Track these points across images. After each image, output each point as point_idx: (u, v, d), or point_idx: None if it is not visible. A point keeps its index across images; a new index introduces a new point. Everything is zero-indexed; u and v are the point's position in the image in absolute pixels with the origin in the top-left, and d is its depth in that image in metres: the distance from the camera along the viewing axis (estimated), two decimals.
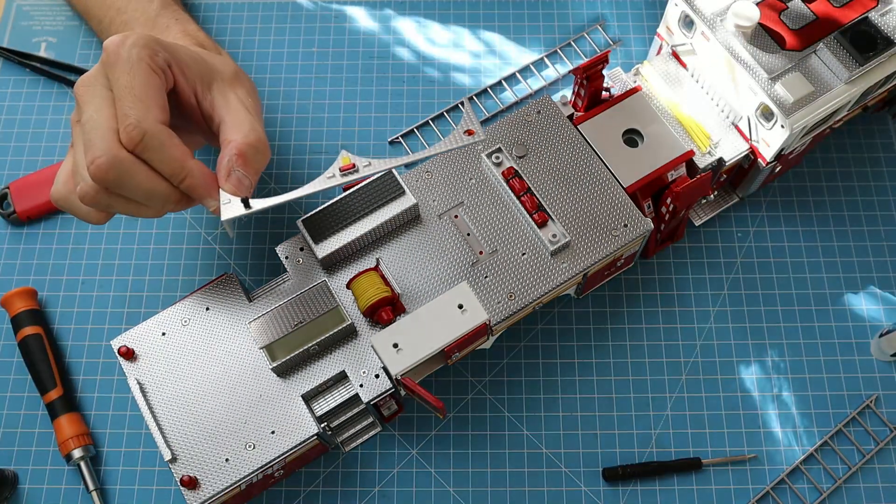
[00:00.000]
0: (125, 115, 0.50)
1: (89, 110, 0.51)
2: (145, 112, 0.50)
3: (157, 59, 0.52)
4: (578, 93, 0.64)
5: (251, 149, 0.53)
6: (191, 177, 0.52)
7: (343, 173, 0.52)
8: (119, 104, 0.50)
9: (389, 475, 0.62)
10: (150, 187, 0.51)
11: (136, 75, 0.51)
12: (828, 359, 0.65)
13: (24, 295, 0.65)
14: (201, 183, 0.52)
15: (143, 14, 0.65)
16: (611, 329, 0.66)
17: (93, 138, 0.50)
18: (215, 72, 0.56)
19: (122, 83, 0.51)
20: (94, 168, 0.50)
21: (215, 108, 0.55)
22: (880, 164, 0.71)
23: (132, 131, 0.49)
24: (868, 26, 0.58)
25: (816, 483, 0.61)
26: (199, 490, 0.53)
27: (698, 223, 0.68)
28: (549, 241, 0.57)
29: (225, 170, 0.53)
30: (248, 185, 0.53)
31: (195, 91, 0.55)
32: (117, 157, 0.50)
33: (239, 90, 0.56)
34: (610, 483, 0.61)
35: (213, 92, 0.55)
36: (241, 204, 0.52)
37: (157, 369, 0.57)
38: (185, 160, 0.52)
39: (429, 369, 0.57)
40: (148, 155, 0.51)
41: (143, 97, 0.50)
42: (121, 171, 0.50)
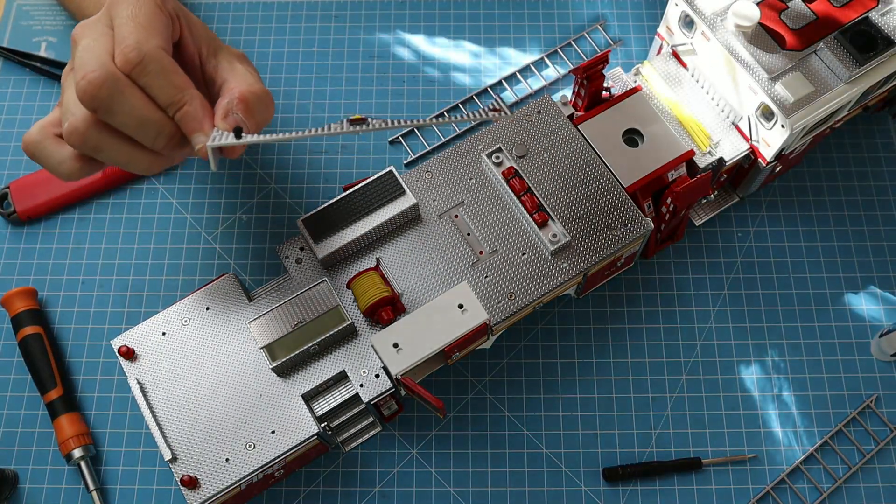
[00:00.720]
0: (123, 38, 0.46)
1: (84, 42, 0.48)
2: (146, 37, 0.47)
3: (167, 4, 0.50)
4: (578, 93, 0.64)
5: (254, 96, 0.50)
6: (189, 104, 0.48)
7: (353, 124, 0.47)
8: (119, 31, 0.47)
9: (389, 475, 0.62)
10: (143, 114, 0.47)
11: (141, 7, 0.48)
12: (828, 359, 0.65)
13: (25, 295, 0.65)
14: (198, 114, 0.48)
15: None
16: (611, 329, 0.66)
17: (86, 59, 0.46)
18: (221, 45, 0.54)
19: (125, 12, 0.47)
20: (85, 83, 0.46)
21: (219, 71, 0.52)
22: (880, 164, 0.71)
23: (130, 52, 0.46)
24: (868, 26, 0.58)
25: (817, 483, 0.61)
26: (200, 490, 0.53)
27: (698, 223, 0.68)
28: (549, 241, 0.57)
29: (223, 110, 0.49)
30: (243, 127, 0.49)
31: (200, 52, 0.53)
32: (112, 73, 0.46)
33: (246, 64, 0.54)
34: (610, 483, 0.61)
35: (219, 58, 0.53)
36: (231, 134, 0.47)
37: (158, 369, 0.57)
38: (185, 87, 0.48)
39: (429, 369, 0.57)
40: (145, 80, 0.47)
41: (146, 24, 0.47)
42: (114, 90, 0.46)
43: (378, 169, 0.63)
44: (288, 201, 0.70)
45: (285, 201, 0.70)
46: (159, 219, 0.70)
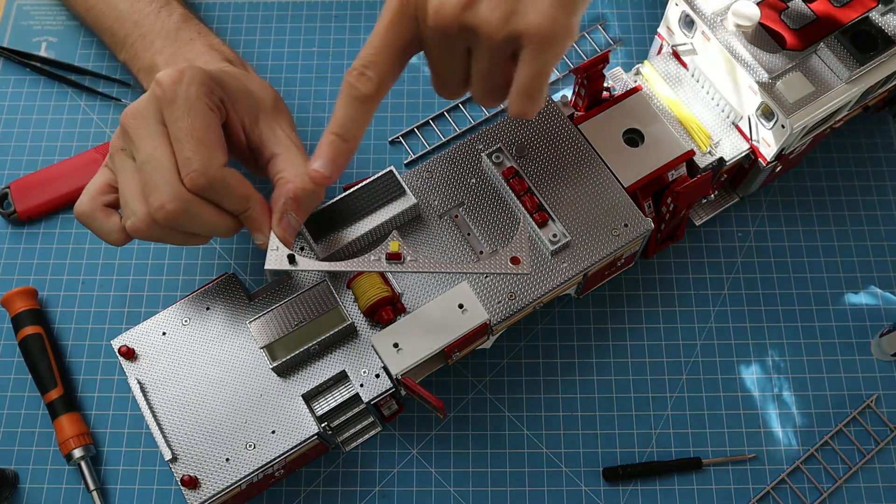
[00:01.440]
0: (188, 159, 0.49)
1: (146, 147, 0.50)
2: (208, 157, 0.49)
3: (214, 98, 0.51)
4: (579, 93, 0.64)
5: (306, 193, 0.52)
6: (253, 209, 0.52)
7: (389, 261, 0.51)
8: (179, 147, 0.50)
9: (390, 475, 0.62)
10: (214, 223, 0.51)
11: (196, 116, 0.50)
12: (828, 358, 0.65)
13: (25, 294, 0.65)
14: (259, 217, 0.52)
15: (163, 28, 0.63)
16: (611, 329, 0.66)
17: (156, 180, 0.49)
18: (259, 102, 0.55)
19: (183, 125, 0.50)
20: (163, 212, 0.49)
21: (264, 143, 0.54)
22: (880, 164, 0.71)
23: (198, 179, 0.49)
24: (868, 26, 0.58)
25: (817, 483, 0.61)
26: (200, 490, 0.53)
27: (699, 223, 0.68)
28: (549, 241, 0.57)
29: (279, 212, 0.52)
30: (295, 227, 0.53)
31: (243, 125, 0.54)
32: (185, 200, 0.49)
33: (283, 123, 0.56)
34: (610, 483, 0.61)
35: (261, 125, 0.55)
36: (286, 259, 0.52)
37: (158, 369, 0.57)
38: (249, 195, 0.52)
39: (429, 369, 0.57)
40: (213, 196, 0.50)
41: (204, 140, 0.50)
42: (188, 214, 0.50)
43: (378, 169, 0.63)
44: None
45: None
46: None
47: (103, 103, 0.74)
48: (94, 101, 0.74)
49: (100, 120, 0.73)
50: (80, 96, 0.74)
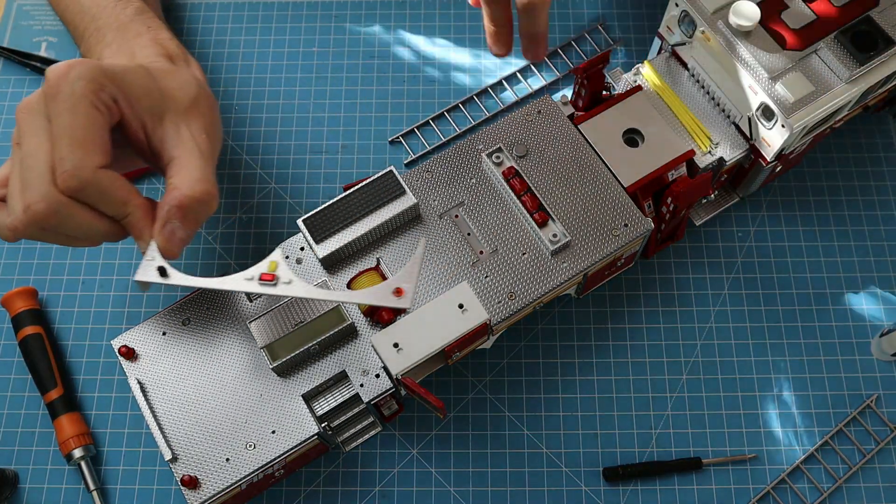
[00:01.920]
0: (62, 158, 0.47)
1: (28, 143, 0.48)
2: (83, 158, 0.47)
3: (102, 96, 0.49)
4: (579, 92, 0.64)
5: (194, 202, 0.50)
6: (133, 215, 0.49)
7: (262, 282, 0.50)
8: (56, 145, 0.47)
9: (390, 475, 0.62)
10: (89, 227, 0.49)
11: (76, 115, 0.47)
12: (828, 358, 0.65)
13: (25, 294, 0.65)
14: (139, 223, 0.50)
15: (116, 21, 0.61)
16: (611, 329, 0.66)
17: (29, 178, 0.47)
18: (169, 101, 0.52)
19: (62, 122, 0.47)
20: (31, 212, 0.47)
21: (165, 145, 0.51)
22: (881, 164, 0.71)
23: (69, 180, 0.47)
24: (869, 26, 0.58)
25: (817, 483, 0.61)
26: (200, 490, 0.53)
27: (699, 223, 0.68)
28: (549, 241, 0.57)
29: (162, 220, 0.49)
30: (182, 237, 0.50)
31: (144, 125, 0.51)
32: (55, 202, 0.47)
33: (194, 123, 0.53)
34: (610, 483, 0.61)
35: (165, 125, 0.52)
36: (156, 271, 0.50)
37: (158, 369, 0.57)
38: (128, 200, 0.49)
39: (429, 369, 0.57)
40: (88, 199, 0.48)
41: (82, 140, 0.47)
42: (59, 216, 0.47)
43: (378, 169, 0.63)
44: (288, 201, 0.70)
45: (285, 201, 0.70)
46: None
47: None
48: None
49: None
50: None
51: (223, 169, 0.71)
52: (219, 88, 0.75)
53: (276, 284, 0.50)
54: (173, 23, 0.77)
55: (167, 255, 0.50)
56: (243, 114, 0.74)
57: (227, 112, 0.74)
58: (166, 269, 0.50)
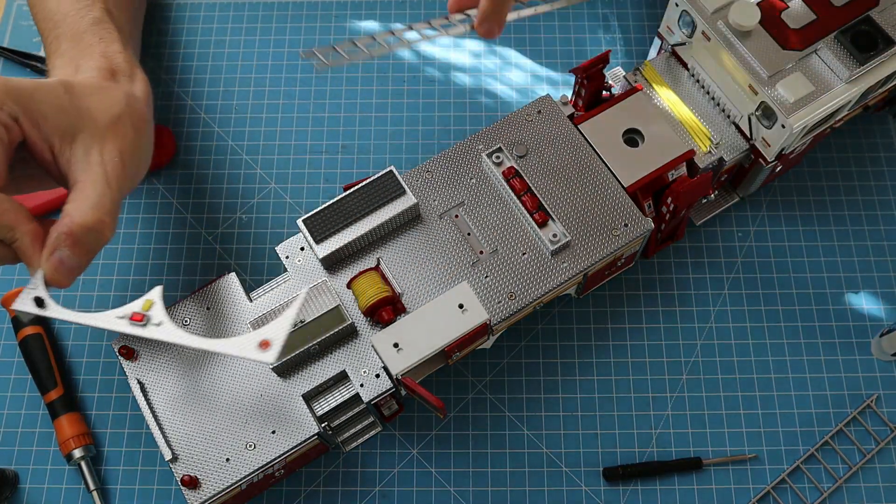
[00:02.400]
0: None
1: None
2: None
3: (3, 111, 0.47)
4: (579, 92, 0.64)
5: (85, 231, 0.48)
6: (21, 241, 0.47)
7: (132, 323, 0.49)
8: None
9: (390, 475, 0.62)
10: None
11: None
12: (828, 358, 0.65)
13: None
14: (28, 250, 0.48)
15: (73, 30, 0.60)
16: (611, 329, 0.66)
17: None
18: (86, 120, 0.51)
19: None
20: None
21: (71, 167, 0.50)
22: (881, 164, 0.71)
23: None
24: (869, 26, 0.58)
25: (817, 483, 0.61)
26: (200, 490, 0.53)
27: (699, 223, 0.68)
28: (549, 241, 0.57)
29: (50, 247, 0.48)
30: (70, 265, 0.48)
31: (52, 146, 0.50)
32: None
33: (109, 145, 0.51)
34: (610, 483, 0.61)
35: (75, 147, 0.50)
36: (32, 301, 0.48)
37: (158, 369, 0.57)
38: (15, 225, 0.47)
39: (429, 369, 0.57)
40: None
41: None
42: None
43: (378, 169, 0.63)
44: (288, 201, 0.70)
45: (285, 201, 0.70)
46: (160, 219, 0.70)
47: None
48: None
49: None
50: None
51: (223, 169, 0.72)
52: (219, 88, 0.75)
53: (145, 325, 0.49)
54: (173, 23, 0.77)
55: (55, 284, 0.48)
56: (243, 114, 0.74)
57: (227, 112, 0.74)
58: (44, 299, 0.48)
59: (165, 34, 0.77)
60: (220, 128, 0.73)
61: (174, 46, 0.76)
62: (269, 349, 0.48)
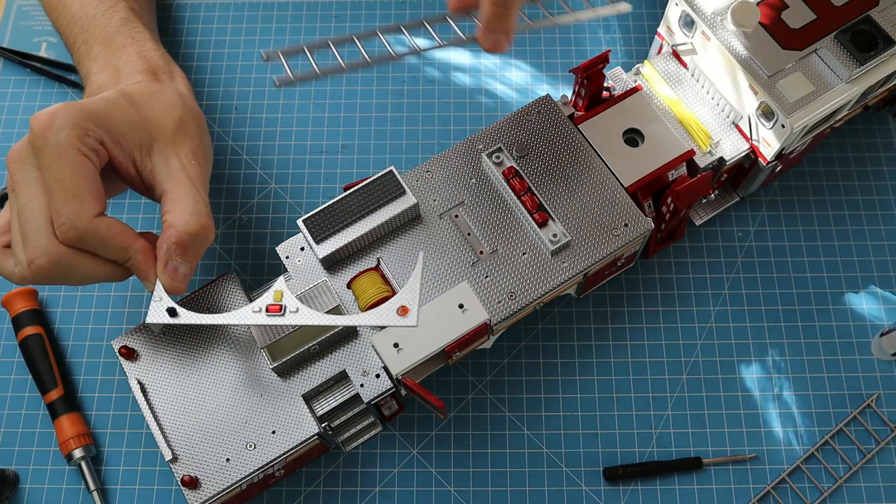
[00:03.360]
0: (58, 211, 0.48)
1: (22, 195, 0.49)
2: (78, 209, 0.48)
3: (88, 141, 0.49)
4: (579, 92, 0.64)
5: (191, 238, 0.51)
6: (134, 259, 0.50)
7: (269, 314, 0.51)
8: (50, 197, 0.48)
9: (390, 475, 0.62)
10: (94, 273, 0.50)
11: (65, 165, 0.48)
12: (828, 358, 0.65)
13: (25, 295, 0.65)
14: (141, 266, 0.51)
15: (102, 32, 0.60)
16: (611, 328, 0.66)
17: (28, 232, 0.48)
18: (155, 129, 0.53)
19: (52, 175, 0.48)
20: (35, 267, 0.48)
21: (156, 178, 0.52)
22: (881, 164, 0.71)
23: (67, 232, 0.48)
24: (869, 25, 0.58)
25: (817, 482, 0.61)
26: (200, 490, 0.53)
27: (699, 222, 0.68)
28: (549, 241, 0.57)
29: (163, 259, 0.51)
30: (184, 272, 0.51)
31: (133, 161, 0.52)
32: (57, 254, 0.48)
33: (182, 149, 0.53)
34: (611, 483, 0.61)
35: (154, 157, 0.52)
36: (166, 313, 0.51)
37: (158, 369, 0.57)
38: (127, 245, 0.50)
39: (429, 369, 0.57)
40: (88, 247, 0.49)
41: (74, 191, 0.48)
42: (62, 266, 0.48)
43: (378, 169, 0.63)
44: (288, 201, 0.70)
45: (285, 201, 0.70)
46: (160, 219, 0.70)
47: None
48: None
49: None
50: (80, 97, 0.74)
51: (223, 169, 0.72)
52: (219, 88, 0.75)
53: (283, 314, 0.51)
54: (173, 23, 0.77)
55: (173, 291, 0.51)
56: (243, 114, 0.74)
57: (227, 112, 0.74)
58: (175, 308, 0.51)
59: (166, 34, 0.77)
60: (220, 128, 0.73)
61: (174, 46, 0.76)
62: (409, 314, 0.50)
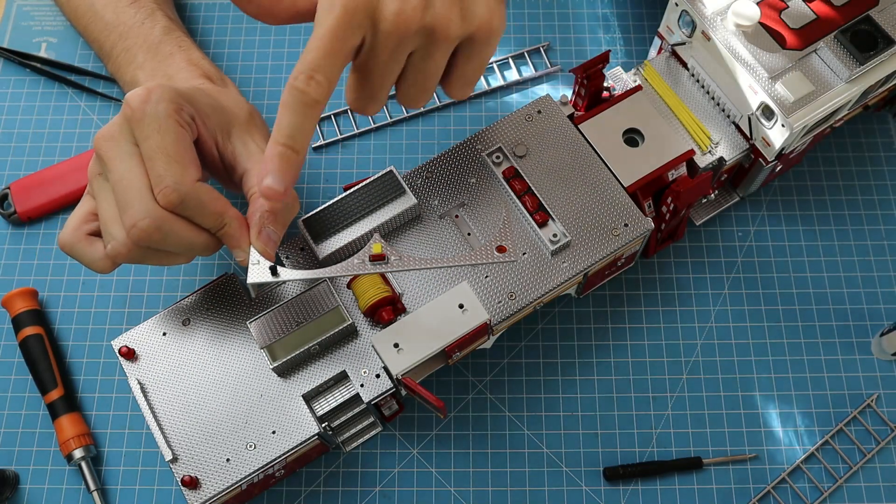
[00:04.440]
0: (160, 176, 0.49)
1: (119, 168, 0.50)
2: (181, 174, 0.49)
3: (183, 115, 0.51)
4: (579, 92, 0.64)
5: (282, 205, 0.52)
6: (229, 226, 0.52)
7: (373, 263, 0.52)
8: (151, 164, 0.50)
9: (390, 475, 0.62)
10: (190, 241, 0.51)
11: (166, 134, 0.50)
12: (828, 358, 0.65)
13: (25, 295, 0.65)
14: (236, 233, 0.52)
15: (146, 41, 0.63)
16: (611, 328, 0.66)
17: (129, 199, 0.49)
18: (232, 116, 0.55)
19: (153, 143, 0.50)
20: (136, 231, 0.49)
21: (237, 159, 0.54)
22: (881, 163, 0.71)
23: (171, 195, 0.49)
24: (868, 25, 0.58)
25: (817, 482, 0.61)
26: (200, 490, 0.53)
27: (699, 222, 0.68)
28: (549, 241, 0.57)
29: (256, 227, 0.52)
30: (276, 240, 0.53)
31: (216, 141, 0.54)
32: (159, 217, 0.49)
33: (256, 135, 0.56)
34: (611, 482, 0.61)
35: (234, 140, 0.55)
36: (268, 271, 0.52)
37: (158, 369, 0.57)
38: (224, 211, 0.51)
39: (429, 369, 0.57)
40: (187, 213, 0.50)
41: (176, 157, 0.50)
42: (163, 231, 0.49)
43: (378, 169, 0.63)
44: None
45: None
46: None
47: (103, 104, 0.74)
48: (94, 102, 0.74)
49: (100, 120, 0.74)
50: (80, 97, 0.75)
51: None
52: None
53: (388, 262, 0.52)
54: None
55: (266, 257, 0.52)
56: None
57: None
58: (276, 268, 0.52)
59: None
60: None
61: None
62: (508, 252, 0.52)
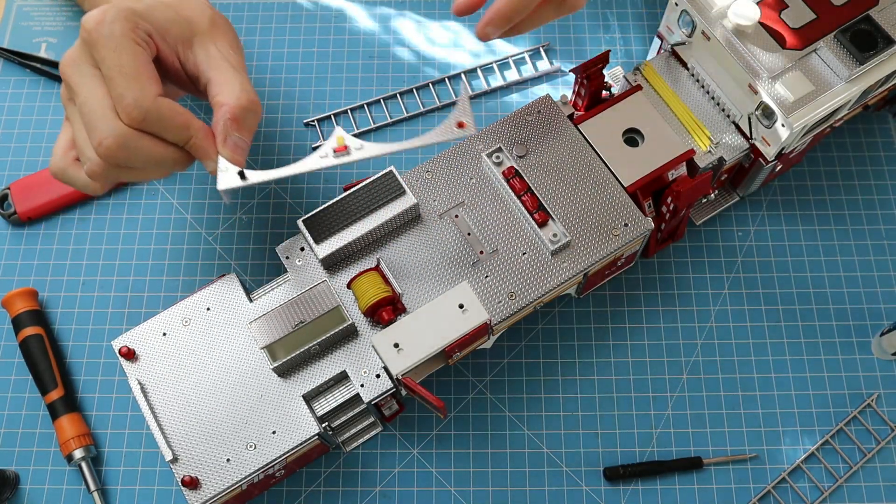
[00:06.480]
0: (120, 95, 0.50)
1: (83, 91, 0.51)
2: (141, 90, 0.50)
3: (139, 32, 0.52)
4: (579, 92, 0.64)
5: (244, 111, 0.53)
6: (196, 137, 0.52)
7: (336, 154, 0.52)
8: (111, 84, 0.50)
9: (390, 475, 0.62)
10: (158, 155, 0.52)
11: (122, 53, 0.50)
12: (829, 357, 0.65)
13: (25, 295, 0.65)
14: (203, 144, 0.53)
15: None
16: (611, 328, 0.66)
17: (93, 120, 0.50)
18: (193, 25, 0.55)
19: (110, 63, 0.50)
20: (102, 150, 0.50)
21: (199, 68, 0.54)
22: (881, 163, 0.71)
23: (133, 111, 0.50)
24: (868, 25, 0.58)
25: (817, 482, 0.61)
26: (201, 490, 0.53)
27: (699, 222, 0.68)
28: (549, 241, 0.57)
29: (221, 135, 0.52)
30: (243, 147, 0.53)
31: (177, 54, 0.54)
32: (123, 135, 0.50)
33: (219, 42, 0.55)
34: (611, 482, 0.61)
35: (195, 50, 0.55)
36: (237, 176, 0.53)
37: (158, 369, 0.57)
38: (189, 124, 0.52)
39: (429, 369, 0.57)
40: (151, 128, 0.51)
41: (134, 74, 0.50)
42: (129, 149, 0.50)
43: (378, 169, 0.63)
44: (288, 201, 0.70)
45: (285, 201, 0.70)
46: (160, 219, 0.70)
47: None
48: None
49: None
50: None
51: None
52: None
53: (349, 153, 0.52)
54: None
55: (234, 164, 0.53)
56: None
57: None
58: (244, 172, 0.53)
59: None
60: None
61: None
62: (467, 127, 0.53)
